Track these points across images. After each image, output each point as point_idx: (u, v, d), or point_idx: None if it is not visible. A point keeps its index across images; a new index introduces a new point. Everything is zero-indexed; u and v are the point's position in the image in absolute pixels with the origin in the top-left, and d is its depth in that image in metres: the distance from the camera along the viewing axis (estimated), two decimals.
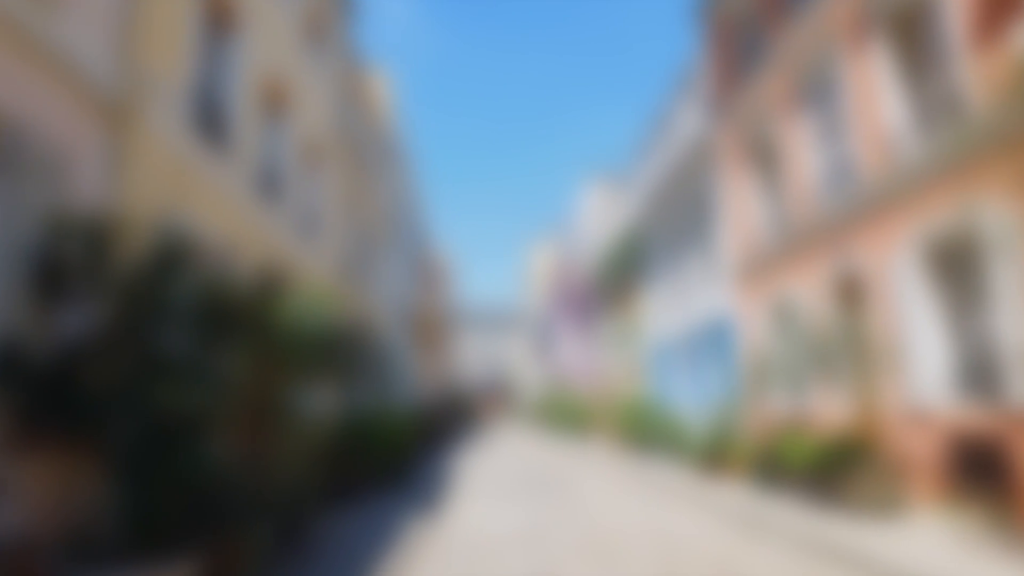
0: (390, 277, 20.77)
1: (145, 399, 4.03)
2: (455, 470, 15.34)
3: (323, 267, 12.01)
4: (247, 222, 8.31)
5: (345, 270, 13.90)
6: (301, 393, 9.19)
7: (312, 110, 11.66)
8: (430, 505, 9.50)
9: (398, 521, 8.10)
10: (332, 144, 13.24)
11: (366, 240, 17.17)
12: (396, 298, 22.45)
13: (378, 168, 20.24)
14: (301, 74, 10.97)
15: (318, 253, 11.79)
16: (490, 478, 13.55)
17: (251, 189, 8.39)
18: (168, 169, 6.23)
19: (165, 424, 4.06)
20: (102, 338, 4.21)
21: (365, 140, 18.16)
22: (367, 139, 18.33)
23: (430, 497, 10.28)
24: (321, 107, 12.44)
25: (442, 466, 15.78)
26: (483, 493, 11.15)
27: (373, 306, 16.93)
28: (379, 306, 18.40)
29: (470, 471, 15.16)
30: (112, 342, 4.21)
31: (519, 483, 12.43)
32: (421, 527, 7.79)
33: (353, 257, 15.47)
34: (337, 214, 13.54)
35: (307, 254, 11.05)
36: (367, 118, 18.29)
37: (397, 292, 22.94)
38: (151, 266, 4.55)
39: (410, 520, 8.16)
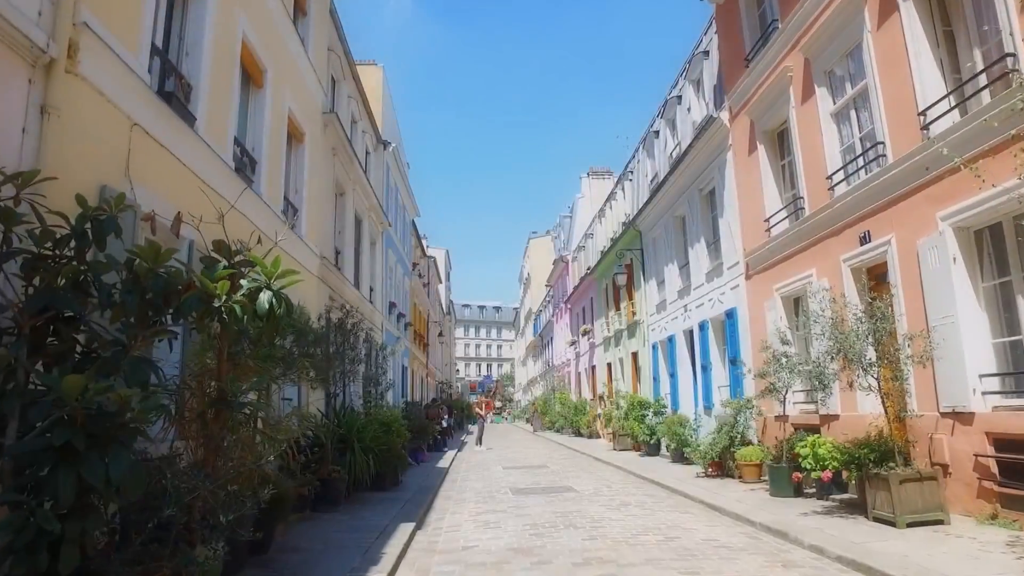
0: (383, 270, 19.95)
1: (52, 393, 3.20)
2: (451, 473, 14.51)
3: (306, 253, 11.18)
4: (215, 198, 7.48)
5: (331, 259, 13.07)
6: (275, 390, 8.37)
7: (293, 85, 10.83)
8: (419, 513, 8.68)
9: (381, 535, 7.27)
10: (316, 125, 12.41)
11: (356, 230, 16.34)
12: (389, 293, 21.62)
13: (370, 156, 19.41)
14: (280, 45, 10.14)
15: (301, 240, 10.96)
16: (487, 483, 12.72)
17: (221, 163, 7.58)
18: (114, 132, 5.41)
19: (81, 424, 3.22)
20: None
21: (356, 127, 17.33)
22: (358, 126, 17.51)
23: (421, 505, 9.45)
24: (304, 84, 11.61)
25: (437, 469, 14.95)
26: (479, 499, 10.32)
27: (363, 299, 16.10)
28: (371, 300, 17.58)
29: (466, 474, 14.33)
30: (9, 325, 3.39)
31: (518, 489, 11.60)
32: (406, 540, 6.97)
33: (342, 246, 14.65)
34: (323, 199, 12.71)
35: (287, 238, 10.21)
36: (359, 106, 17.47)
37: (390, 287, 22.11)
38: (75, 235, 3.73)
39: (395, 533, 7.34)
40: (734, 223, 13.37)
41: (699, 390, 15.53)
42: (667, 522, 7.98)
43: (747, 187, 12.76)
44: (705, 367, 14.95)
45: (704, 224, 15.36)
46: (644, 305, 20.51)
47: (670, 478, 11.76)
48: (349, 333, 8.93)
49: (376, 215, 18.59)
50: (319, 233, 12.36)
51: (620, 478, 12.95)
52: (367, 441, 9.83)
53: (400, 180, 24.70)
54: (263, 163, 9.20)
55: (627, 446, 19.04)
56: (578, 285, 32.56)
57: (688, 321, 16.30)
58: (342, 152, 14.16)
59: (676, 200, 17.09)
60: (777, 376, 9.35)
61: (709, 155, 14.60)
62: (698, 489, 10.21)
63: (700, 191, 15.48)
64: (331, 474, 8.77)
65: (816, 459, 8.52)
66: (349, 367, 9.03)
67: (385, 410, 12.66)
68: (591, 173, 37.78)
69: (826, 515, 7.54)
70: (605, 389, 26.02)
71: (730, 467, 11.36)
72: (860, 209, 8.94)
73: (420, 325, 31.60)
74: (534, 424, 38.70)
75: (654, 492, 10.75)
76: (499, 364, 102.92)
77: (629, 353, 22.49)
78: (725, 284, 13.87)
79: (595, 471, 14.42)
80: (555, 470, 14.76)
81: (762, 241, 11.96)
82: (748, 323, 12.74)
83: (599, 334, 27.64)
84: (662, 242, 18.65)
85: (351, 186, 15.38)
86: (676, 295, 17.21)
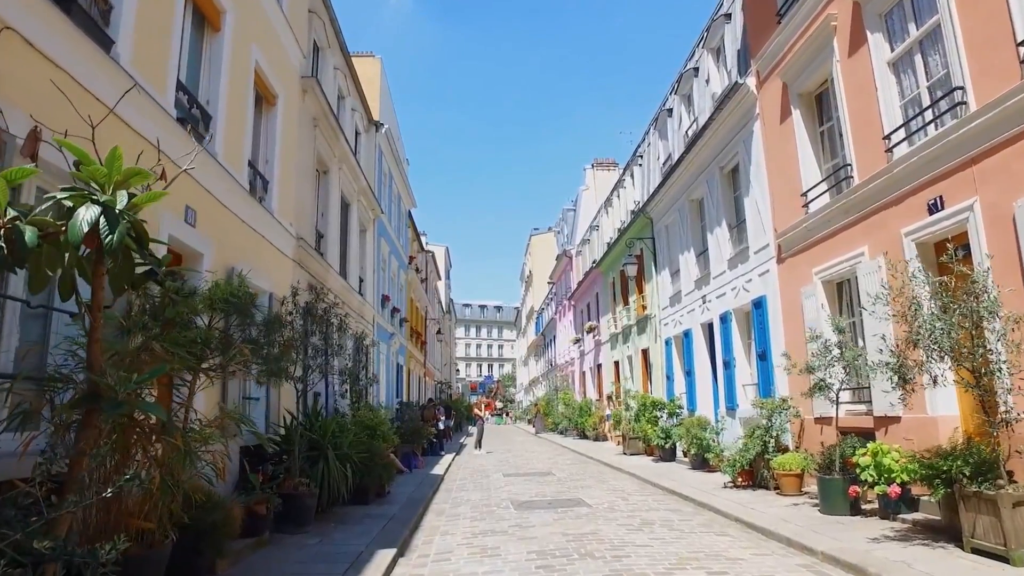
0: (375, 261, 18.52)
1: None
2: (445, 482, 13.07)
3: (277, 232, 9.76)
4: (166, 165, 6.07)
5: (311, 241, 11.65)
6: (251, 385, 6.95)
7: (262, 37, 9.40)
8: (403, 535, 7.25)
9: (351, 567, 5.83)
10: (292, 89, 10.98)
11: (343, 214, 14.91)
12: (383, 286, 20.19)
13: (361, 138, 18.00)
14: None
15: (270, 216, 9.54)
16: (485, 493, 11.27)
17: (157, 108, 6.16)
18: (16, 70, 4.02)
19: None
20: None
21: (344, 103, 15.92)
22: (346, 103, 16.09)
23: (407, 523, 8.01)
24: (277, 40, 10.18)
25: (431, 477, 13.51)
26: (476, 515, 8.88)
27: (350, 290, 14.67)
28: (360, 292, 16.16)
29: (463, 483, 12.89)
30: None
31: (520, 502, 10.16)
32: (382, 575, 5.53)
33: (325, 230, 13.22)
34: (301, 175, 11.29)
35: (253, 214, 8.80)
36: (347, 82, 16.04)
37: (384, 280, 20.68)
38: None
39: (369, 564, 5.90)
40: (763, 201, 11.93)
41: (720, 389, 14.08)
42: (704, 548, 6.53)
43: (779, 159, 11.31)
44: (728, 363, 13.49)
45: (726, 205, 13.91)
46: (655, 298, 19.05)
47: (694, 488, 10.31)
48: (320, 319, 7.49)
49: (367, 200, 17.16)
50: (296, 212, 10.93)
51: (635, 488, 11.50)
52: (345, 447, 8.39)
53: (395, 167, 23.28)
54: (219, 118, 7.76)
55: (638, 450, 17.61)
56: (582, 280, 31.10)
57: (707, 313, 14.85)
58: (325, 125, 12.74)
59: (693, 182, 15.64)
60: (829, 371, 7.90)
61: (732, 127, 13.16)
62: (730, 503, 8.77)
63: (721, 169, 14.03)
64: (297, 488, 7.34)
65: (880, 470, 7.08)
66: (321, 360, 7.60)
67: (371, 411, 11.23)
68: (596, 164, 36.33)
69: (903, 542, 6.09)
70: (612, 389, 24.58)
71: (764, 477, 9.91)
72: (928, 171, 7.49)
73: (417, 322, 30.17)
74: (536, 425, 37.27)
75: (679, 506, 9.31)
76: (500, 364, 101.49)
77: (639, 350, 21.03)
78: (752, 270, 12.42)
79: (607, 479, 12.97)
80: (561, 478, 13.31)
81: (797, 219, 10.51)
82: (780, 313, 11.29)
83: (605, 331, 26.18)
84: (676, 229, 17.20)
85: (336, 164, 13.95)
86: (693, 285, 15.77)
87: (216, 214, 7.61)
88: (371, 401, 16.47)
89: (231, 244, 8.00)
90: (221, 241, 7.60)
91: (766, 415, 10.06)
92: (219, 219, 7.71)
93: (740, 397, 13.02)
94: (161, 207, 6.11)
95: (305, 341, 7.39)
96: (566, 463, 17.00)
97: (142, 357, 4.14)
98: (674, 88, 17.69)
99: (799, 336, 10.47)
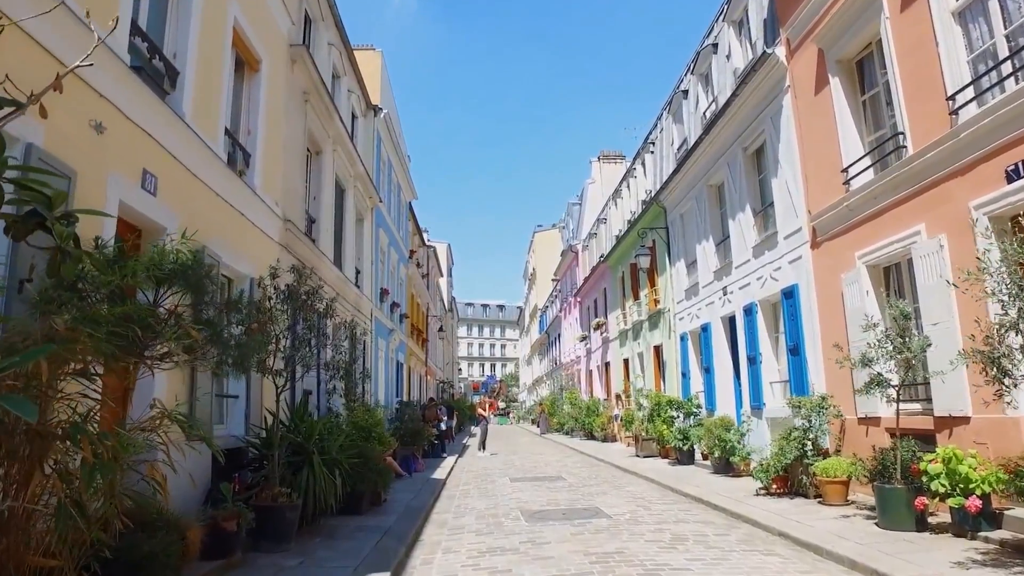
0: (372, 252, 17.53)
1: None
2: (448, 487, 12.09)
3: (260, 211, 8.78)
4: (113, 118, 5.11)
5: (301, 225, 10.66)
6: None
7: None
8: (399, 553, 6.25)
9: None
10: (279, 56, 9.99)
11: (338, 200, 13.93)
12: (381, 279, 19.21)
13: (358, 122, 17.02)
14: None
15: (252, 193, 8.56)
16: (491, 501, 10.28)
17: (123, 76, 5.20)
18: None
19: None
20: None
21: (339, 83, 14.94)
22: (342, 83, 15.11)
23: (403, 538, 7.03)
24: (258, 1, 9.19)
25: (432, 481, 12.53)
26: (481, 527, 7.89)
27: (345, 281, 13.69)
28: (357, 283, 15.17)
29: (466, 488, 11.90)
30: None
31: (531, 512, 9.17)
32: None
33: (317, 215, 12.24)
34: (289, 152, 10.30)
35: (232, 189, 7.83)
36: (343, 61, 15.05)
37: (383, 273, 19.70)
38: None
39: None
40: (794, 182, 10.91)
41: (744, 387, 13.07)
42: (752, 572, 5.52)
43: (813, 134, 10.30)
44: (753, 359, 12.48)
45: (750, 189, 12.89)
46: (669, 291, 18.04)
47: (722, 496, 9.30)
48: (303, 304, 6.46)
49: (364, 187, 16.17)
50: (284, 192, 9.95)
51: (656, 494, 10.49)
52: (334, 452, 7.39)
53: (394, 155, 22.28)
54: (189, 76, 6.77)
55: (652, 452, 16.59)
56: (589, 276, 30.09)
57: (728, 306, 13.83)
58: (317, 100, 11.75)
59: (712, 166, 14.63)
60: (889, 363, 6.88)
61: (758, 104, 12.14)
62: (769, 514, 7.76)
63: (744, 150, 13.01)
64: (277, 499, 6.35)
65: (955, 480, 6.07)
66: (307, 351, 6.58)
67: (367, 411, 10.25)
68: (602, 157, 35.29)
69: (998, 568, 5.07)
70: (622, 387, 23.57)
71: (802, 483, 8.89)
72: (1006, 134, 6.48)
73: (418, 319, 29.18)
74: (541, 426, 36.29)
75: (709, 516, 8.29)
76: (503, 364, 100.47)
77: (650, 347, 20.01)
78: (781, 257, 11.41)
79: (623, 484, 11.96)
80: (574, 483, 12.30)
81: (836, 199, 9.50)
82: (815, 303, 10.28)
83: (614, 327, 25.17)
84: (693, 217, 16.19)
85: (330, 145, 12.97)
86: (712, 276, 14.75)
87: (184, 184, 6.63)
88: (368, 400, 15.51)
89: (203, 219, 7.01)
90: (190, 215, 6.61)
91: (804, 415, 9.04)
92: (188, 190, 6.73)
93: (767, 395, 12.02)
94: (107, 164, 5.14)
95: (286, 328, 6.38)
96: (576, 466, 16.00)
97: (60, 336, 3.15)
98: (690, 68, 16.67)
99: (838, 327, 9.47)
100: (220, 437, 7.25)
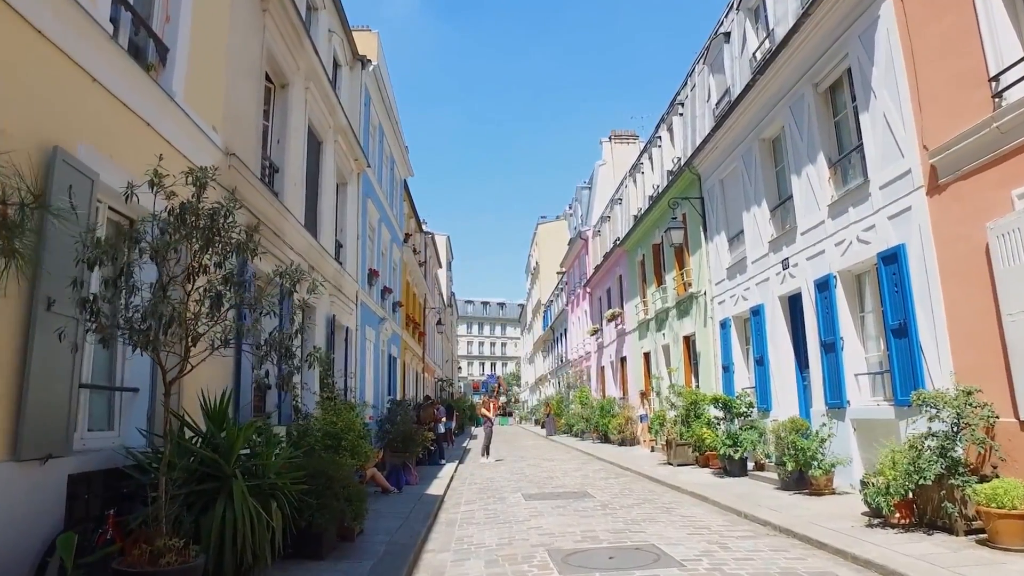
0: (359, 226, 14.96)
1: None
2: (445, 508, 9.53)
3: (182, 125, 6.22)
4: None
5: (254, 167, 8.08)
6: None
7: None
8: None
9: None
10: None
11: (312, 153, 11.36)
12: (370, 259, 16.65)
13: (341, 71, 14.47)
14: None
15: (168, 99, 6.00)
16: (504, 533, 7.71)
17: None
18: None
19: None
20: None
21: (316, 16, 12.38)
22: (319, 17, 12.54)
23: None
24: None
25: (426, 500, 9.97)
26: None
27: (321, 252, 11.12)
28: (338, 259, 12.62)
29: (469, 510, 9.32)
30: None
31: (563, 554, 6.61)
32: None
33: (282, 162, 9.68)
34: (234, 65, 7.73)
35: (129, 85, 5.27)
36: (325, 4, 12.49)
37: (373, 253, 17.14)
38: None
39: None
40: (897, 111, 8.36)
41: (814, 381, 10.51)
42: None
43: (934, 42, 7.74)
44: (829, 346, 9.92)
45: (822, 134, 10.34)
46: (704, 272, 15.48)
47: (823, 528, 6.74)
48: (212, 236, 3.84)
49: (347, 145, 13.60)
50: (226, 117, 7.40)
51: (723, 522, 7.91)
52: (271, 474, 4.83)
53: (387, 122, 19.71)
54: None
55: (687, 459, 14.05)
56: (601, 263, 27.54)
57: (790, 282, 11.29)
58: (280, 13, 9.19)
59: (766, 115, 12.09)
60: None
61: (838, 23, 9.59)
62: (916, 563, 5.20)
63: (815, 86, 10.47)
64: (159, 558, 3.78)
65: None
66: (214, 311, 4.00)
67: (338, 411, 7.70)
68: (613, 137, 32.75)
69: None
70: (642, 384, 21.02)
71: (945, 513, 6.33)
72: None
73: (415, 310, 26.61)
74: (548, 427, 33.78)
75: (824, 564, 5.70)
76: (503, 363, 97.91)
77: (679, 337, 17.45)
78: (876, 213, 8.85)
79: (670, 505, 9.38)
80: (605, 502, 9.74)
81: (975, 122, 6.95)
82: (934, 266, 7.73)
83: (631, 318, 22.62)
84: (737, 181, 13.65)
85: (300, 80, 10.41)
86: (766, 248, 12.20)
87: (24, 51, 4.07)
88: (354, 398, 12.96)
89: (65, 113, 4.47)
90: (37, 102, 4.08)
91: (951, 416, 6.47)
92: (39, 65, 4.18)
93: (851, 391, 9.47)
94: None
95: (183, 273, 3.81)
96: (599, 477, 13.43)
97: None
98: (733, 4, 14.10)
99: (976, 297, 6.94)
100: (98, 452, 4.71)
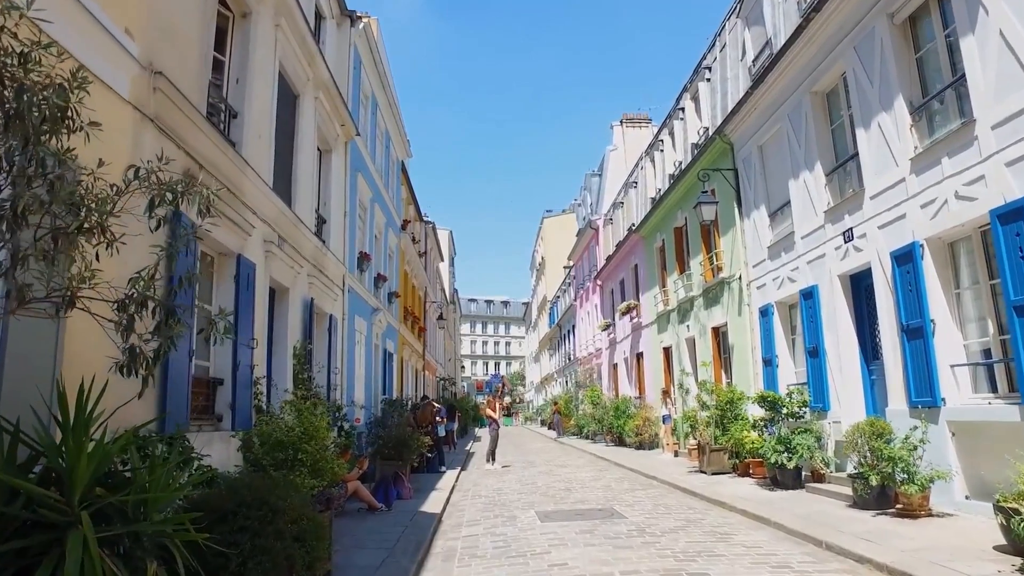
0: (347, 202, 13.17)
1: None
2: (442, 533, 7.72)
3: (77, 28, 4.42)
4: None
5: (196, 101, 6.28)
6: None
7: None
8: None
9: None
10: None
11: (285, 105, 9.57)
12: (362, 242, 14.87)
13: (326, 24, 12.68)
14: None
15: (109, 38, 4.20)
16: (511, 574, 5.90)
17: None
18: None
19: None
20: None
21: None
22: None
23: None
24: None
25: (419, 520, 8.18)
26: None
27: (295, 223, 9.34)
28: (320, 235, 10.84)
29: (472, 535, 7.50)
30: None
31: None
32: None
33: (241, 106, 7.89)
34: None
35: None
36: None
37: (365, 235, 15.36)
38: None
39: None
40: (1016, 29, 6.54)
41: (891, 374, 8.67)
42: None
43: None
44: (915, 331, 8.07)
45: (900, 76, 8.50)
46: (739, 254, 13.66)
47: (947, 569, 4.92)
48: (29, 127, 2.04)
49: (331, 103, 11.80)
50: (151, 26, 5.60)
51: (803, 557, 6.07)
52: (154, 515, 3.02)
53: (381, 93, 17.92)
54: None
55: (723, 467, 12.23)
56: (614, 253, 25.73)
57: (855, 256, 9.46)
58: None
59: (820, 62, 10.27)
60: None
61: None
62: None
63: (891, 17, 8.64)
64: None
65: None
66: None
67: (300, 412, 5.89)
68: (625, 121, 30.92)
69: None
70: (663, 381, 19.19)
71: None
72: None
73: (414, 303, 24.82)
74: (556, 428, 32.02)
75: None
76: (507, 363, 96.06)
77: (707, 329, 15.62)
78: (989, 158, 6.99)
79: (724, 530, 7.54)
80: (641, 524, 7.90)
81: None
82: None
83: (649, 310, 20.81)
84: (781, 146, 11.84)
85: (268, 11, 8.64)
86: (821, 220, 10.38)
87: None
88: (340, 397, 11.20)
89: None
90: None
91: None
92: None
93: (945, 386, 7.64)
94: None
95: None
96: (624, 488, 11.61)
97: None
98: None
99: None
100: None
